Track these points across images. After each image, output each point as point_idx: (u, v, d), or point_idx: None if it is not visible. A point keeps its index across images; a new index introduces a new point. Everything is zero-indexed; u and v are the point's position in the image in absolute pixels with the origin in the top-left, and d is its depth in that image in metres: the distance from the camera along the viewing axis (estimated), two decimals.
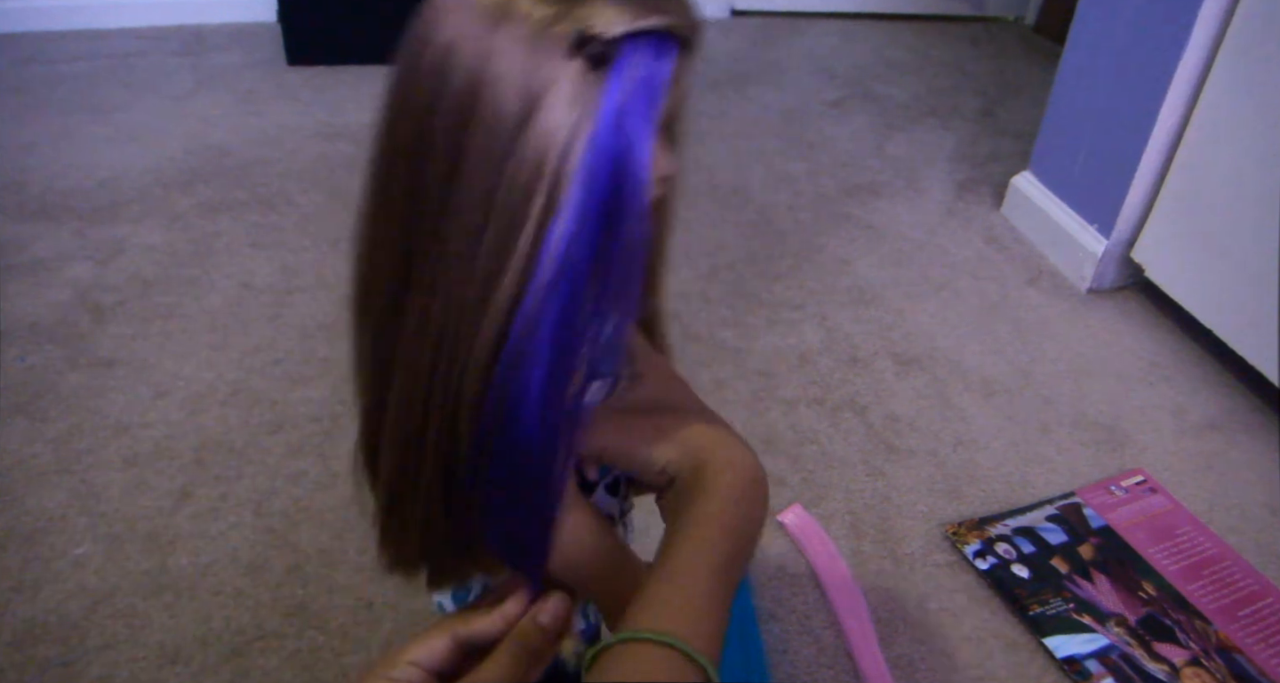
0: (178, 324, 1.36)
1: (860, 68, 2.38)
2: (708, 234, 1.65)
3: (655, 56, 0.38)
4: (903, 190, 1.82)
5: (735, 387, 1.29)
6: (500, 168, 0.38)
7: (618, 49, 0.37)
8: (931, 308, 1.48)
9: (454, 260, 0.40)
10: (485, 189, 0.38)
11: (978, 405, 1.28)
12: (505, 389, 0.40)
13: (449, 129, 0.38)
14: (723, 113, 2.10)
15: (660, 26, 0.37)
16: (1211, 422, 1.27)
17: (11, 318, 1.36)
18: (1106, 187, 1.48)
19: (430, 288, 0.40)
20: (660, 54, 0.38)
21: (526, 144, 0.37)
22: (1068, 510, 1.11)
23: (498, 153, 0.37)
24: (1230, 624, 0.98)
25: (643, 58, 0.37)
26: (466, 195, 0.39)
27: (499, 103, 0.37)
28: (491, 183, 0.38)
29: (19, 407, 1.20)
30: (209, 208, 1.64)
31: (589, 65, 0.37)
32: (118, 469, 1.12)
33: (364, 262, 0.44)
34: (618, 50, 0.37)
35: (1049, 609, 0.99)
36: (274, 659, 0.91)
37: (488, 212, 0.38)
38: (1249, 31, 1.23)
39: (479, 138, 0.37)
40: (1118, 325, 1.46)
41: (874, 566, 1.04)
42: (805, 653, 0.94)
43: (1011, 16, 2.77)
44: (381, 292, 0.43)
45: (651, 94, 0.38)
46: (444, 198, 0.39)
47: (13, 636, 0.93)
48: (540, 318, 0.39)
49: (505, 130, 0.37)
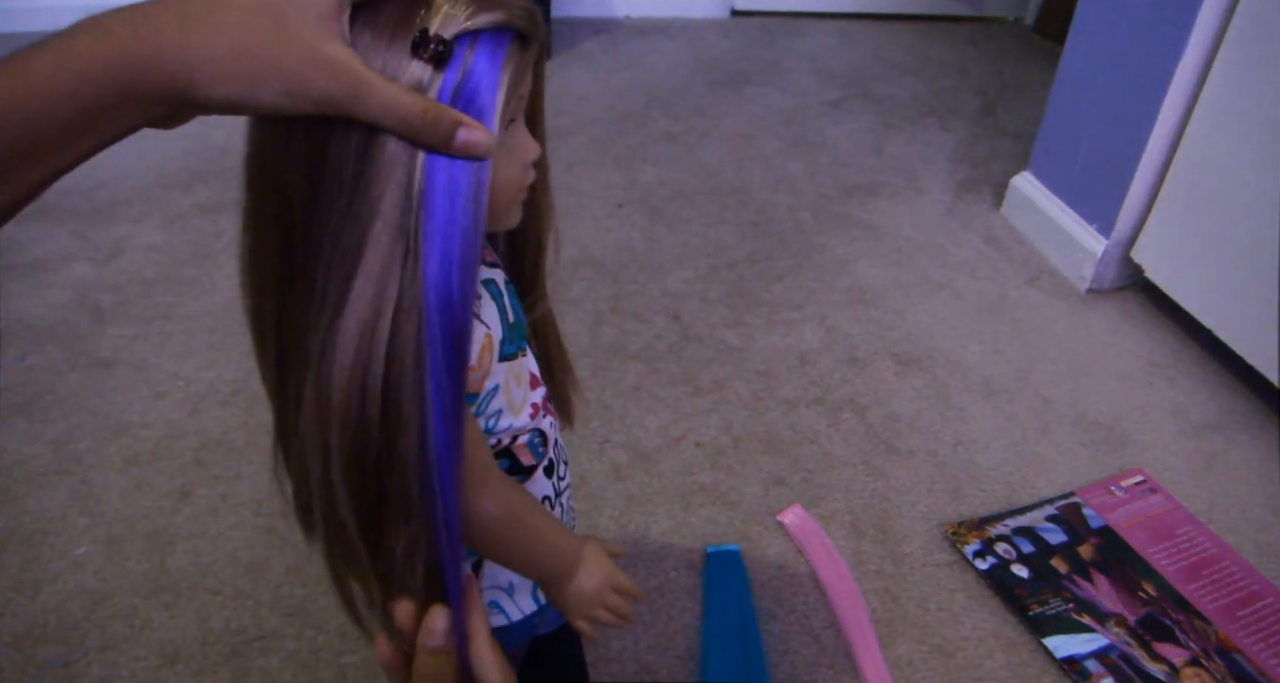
0: (178, 324, 1.36)
1: (860, 68, 2.38)
2: (708, 234, 1.65)
3: (492, 52, 0.39)
4: (902, 190, 1.82)
5: (735, 387, 1.29)
6: (358, 170, 0.39)
7: (454, 47, 0.39)
8: (931, 308, 1.48)
9: (325, 266, 0.41)
10: (346, 191, 0.40)
11: (977, 405, 1.28)
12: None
13: (309, 135, 0.40)
14: (723, 113, 2.10)
15: (494, 23, 0.39)
16: (1211, 422, 1.27)
17: (11, 318, 1.36)
18: (1106, 187, 1.48)
19: (306, 294, 0.42)
20: (496, 48, 0.40)
21: (380, 146, 0.39)
22: (1067, 511, 1.11)
23: (354, 155, 0.39)
24: (1230, 624, 0.98)
25: (479, 53, 0.39)
26: (330, 201, 0.40)
27: None
28: (351, 185, 0.39)
29: (19, 407, 1.20)
30: (209, 208, 1.65)
31: (432, 65, 0.39)
32: (118, 469, 1.12)
33: (251, 273, 0.46)
34: (454, 48, 0.39)
35: (1049, 609, 0.99)
36: (274, 659, 0.91)
37: (352, 210, 0.40)
38: (1249, 31, 1.23)
39: (336, 142, 0.39)
40: (1117, 325, 1.46)
41: (874, 566, 1.04)
42: (805, 653, 0.94)
43: (1011, 17, 2.77)
44: (269, 297, 0.45)
45: (488, 87, 0.39)
46: (310, 205, 0.41)
47: (13, 636, 0.93)
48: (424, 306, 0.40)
49: (358, 134, 0.39)
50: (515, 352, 0.55)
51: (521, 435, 0.58)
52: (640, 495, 1.11)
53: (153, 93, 0.35)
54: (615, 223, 1.67)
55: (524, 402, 0.57)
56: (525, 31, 0.41)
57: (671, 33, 2.56)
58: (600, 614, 0.59)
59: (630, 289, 1.49)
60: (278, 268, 0.44)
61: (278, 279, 0.44)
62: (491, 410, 0.54)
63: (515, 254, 0.59)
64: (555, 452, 0.61)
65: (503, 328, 0.53)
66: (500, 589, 0.61)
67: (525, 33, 0.41)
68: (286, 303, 0.44)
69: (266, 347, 0.47)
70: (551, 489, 0.61)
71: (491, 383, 0.53)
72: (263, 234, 0.44)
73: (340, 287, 0.40)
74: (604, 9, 2.64)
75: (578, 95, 2.15)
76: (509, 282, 0.57)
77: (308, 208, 0.41)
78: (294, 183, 0.41)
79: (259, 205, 0.44)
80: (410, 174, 0.39)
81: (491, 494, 0.52)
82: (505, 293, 0.55)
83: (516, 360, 0.55)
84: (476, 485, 0.50)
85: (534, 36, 0.42)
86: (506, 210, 0.49)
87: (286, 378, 0.46)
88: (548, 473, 0.60)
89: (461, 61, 0.39)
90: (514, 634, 0.63)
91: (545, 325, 0.62)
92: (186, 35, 0.35)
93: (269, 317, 0.46)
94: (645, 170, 1.85)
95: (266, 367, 0.48)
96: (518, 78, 0.41)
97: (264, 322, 0.46)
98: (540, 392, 0.60)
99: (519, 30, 0.41)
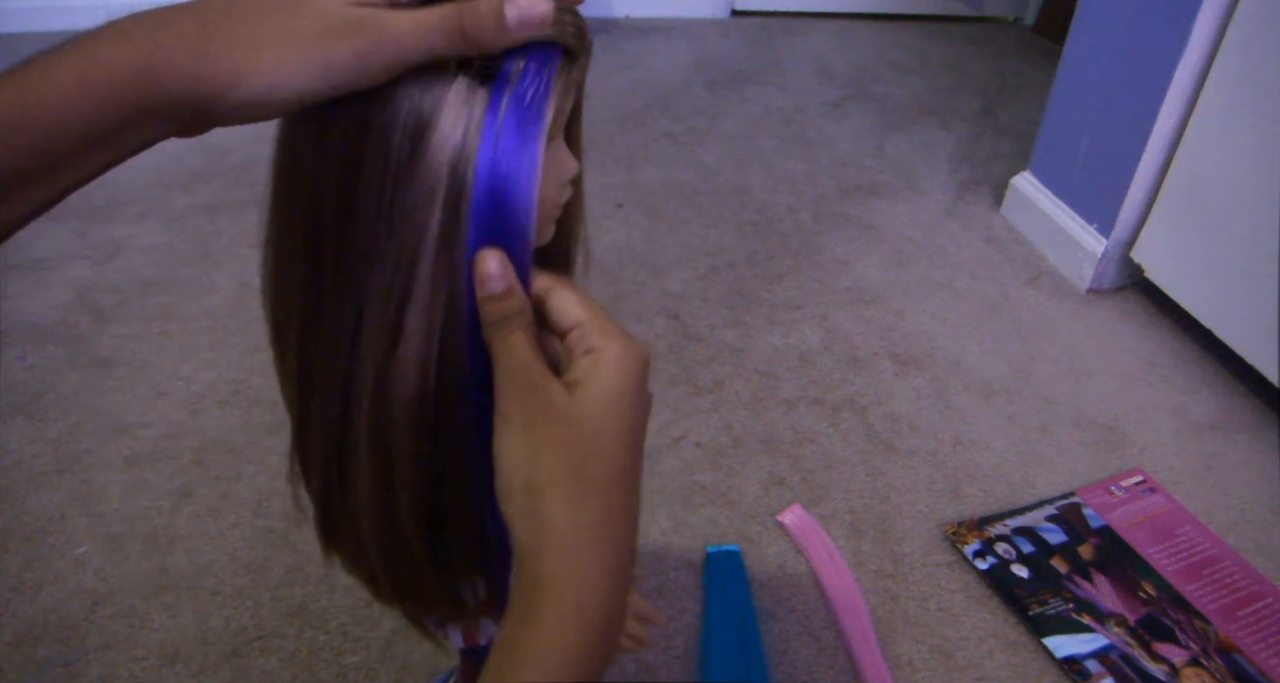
0: (178, 324, 1.36)
1: (860, 68, 2.38)
2: (708, 234, 1.65)
3: (540, 68, 0.38)
4: (902, 190, 1.82)
5: (735, 387, 1.29)
6: (396, 192, 0.38)
7: (501, 63, 0.37)
8: (931, 308, 1.48)
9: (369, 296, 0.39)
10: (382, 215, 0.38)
11: (977, 405, 1.28)
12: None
13: (345, 144, 0.38)
14: (723, 113, 2.10)
15: (543, 38, 0.38)
16: (1211, 422, 1.27)
17: (11, 318, 1.36)
18: (1106, 187, 1.48)
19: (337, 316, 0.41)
20: (545, 64, 0.38)
21: (419, 165, 0.37)
22: (1067, 510, 1.11)
23: (393, 176, 0.37)
24: (1230, 624, 0.98)
25: (527, 71, 0.37)
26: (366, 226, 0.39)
27: (391, 125, 0.37)
28: (387, 206, 0.38)
29: (19, 407, 1.20)
30: (209, 208, 1.65)
31: (476, 81, 0.37)
32: (118, 469, 1.12)
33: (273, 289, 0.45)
34: (501, 64, 0.37)
35: (1049, 609, 0.99)
36: (274, 659, 0.91)
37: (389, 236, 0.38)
38: (1249, 31, 1.23)
39: (374, 162, 0.37)
40: (1117, 325, 1.46)
41: (874, 565, 1.04)
42: (805, 653, 0.94)
43: (1011, 17, 2.77)
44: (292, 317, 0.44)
45: (537, 105, 0.37)
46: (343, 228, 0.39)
47: (13, 636, 0.93)
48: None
49: (397, 151, 0.37)
50: None
51: None
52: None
53: (174, 103, 0.34)
54: (615, 223, 1.67)
55: None
56: (573, 48, 0.40)
57: (671, 33, 2.56)
58: (623, 643, 0.59)
59: (630, 289, 1.49)
60: (302, 290, 0.42)
61: (303, 299, 0.43)
62: None
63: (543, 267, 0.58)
64: None
65: None
66: None
67: (573, 49, 0.40)
68: (313, 325, 0.43)
69: (288, 362, 0.46)
70: None
71: None
72: (288, 253, 0.43)
73: (392, 321, 0.39)
74: (604, 9, 2.64)
75: None
76: None
77: (340, 232, 0.39)
78: (326, 198, 0.39)
79: (285, 220, 0.42)
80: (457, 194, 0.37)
81: None
82: None
83: None
84: None
85: (582, 53, 0.41)
86: (543, 227, 0.47)
87: (310, 397, 0.45)
88: None
89: (509, 78, 0.37)
90: None
91: None
92: (206, 42, 0.34)
93: (291, 336, 0.45)
94: (645, 170, 1.85)
95: (286, 379, 0.47)
96: (565, 94, 0.40)
97: (285, 339, 0.45)
98: None
99: (567, 46, 0.39)
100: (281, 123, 0.40)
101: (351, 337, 0.40)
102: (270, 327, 0.46)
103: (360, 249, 0.39)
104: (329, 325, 0.41)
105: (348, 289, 0.40)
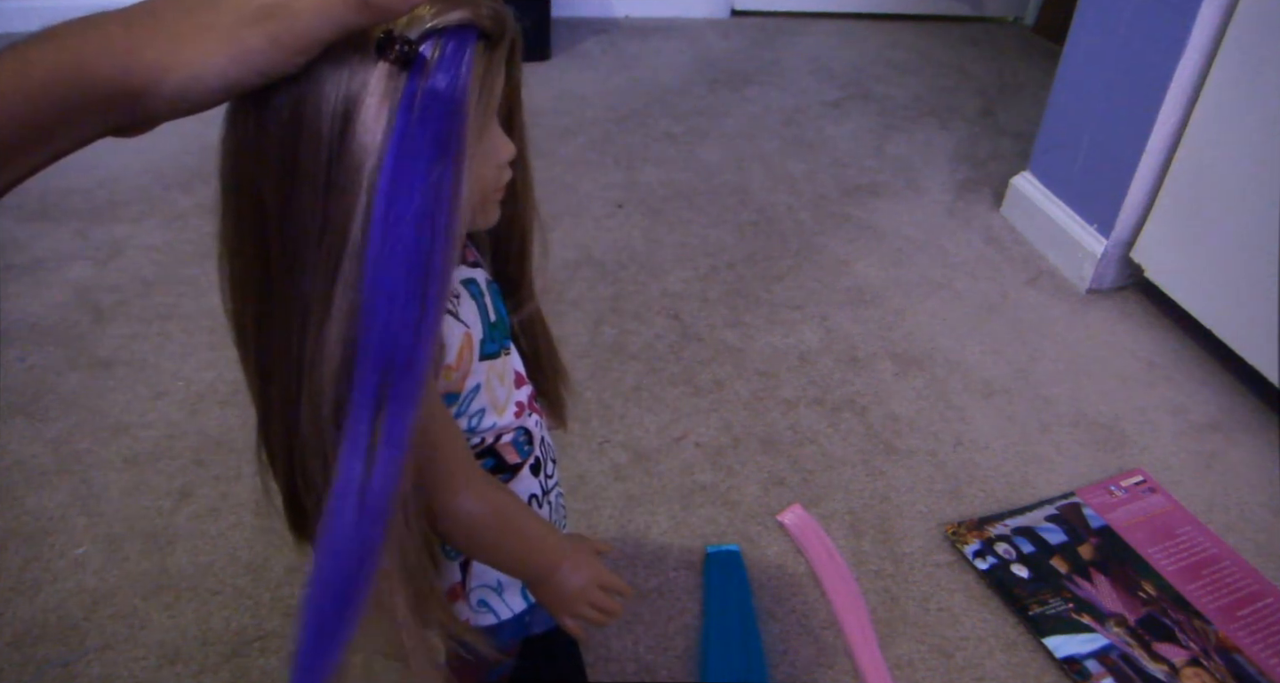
0: (178, 324, 1.36)
1: (860, 68, 2.38)
2: (708, 234, 1.65)
3: (455, 51, 0.39)
4: (902, 190, 1.82)
5: (735, 387, 1.29)
6: (327, 174, 0.39)
7: (417, 49, 0.38)
8: (931, 308, 1.48)
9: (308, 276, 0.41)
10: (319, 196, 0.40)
11: (977, 405, 1.28)
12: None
13: (281, 142, 0.40)
14: (723, 113, 2.10)
15: (459, 22, 0.39)
16: (1211, 422, 1.27)
17: (11, 318, 1.36)
18: (1106, 187, 1.48)
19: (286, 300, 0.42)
20: (460, 48, 0.39)
21: (347, 149, 0.39)
22: (1067, 510, 1.11)
23: (324, 160, 0.39)
24: (1230, 624, 0.98)
25: (444, 53, 0.39)
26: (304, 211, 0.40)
27: (320, 113, 0.39)
28: (322, 189, 0.39)
29: (19, 407, 1.20)
30: (209, 208, 1.63)
31: (397, 66, 0.38)
32: (118, 469, 1.12)
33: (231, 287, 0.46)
34: (417, 50, 0.38)
35: (1048, 609, 0.99)
36: (274, 659, 0.91)
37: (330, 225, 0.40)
38: (1249, 32, 1.23)
39: (307, 147, 0.39)
40: (1117, 325, 1.46)
41: (874, 565, 1.04)
42: (805, 653, 0.94)
43: (1011, 17, 2.77)
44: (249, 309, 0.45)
45: (453, 88, 0.39)
46: (284, 216, 0.41)
47: (13, 636, 0.93)
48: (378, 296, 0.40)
49: (328, 138, 0.39)
50: (498, 350, 0.55)
51: (506, 434, 0.58)
52: (640, 495, 1.11)
53: (105, 99, 0.36)
54: (615, 223, 1.67)
55: (508, 400, 0.57)
56: (491, 31, 0.41)
57: (671, 33, 2.56)
58: (586, 612, 0.59)
59: (630, 289, 1.49)
60: (256, 282, 0.44)
61: (257, 289, 0.44)
62: (474, 410, 0.55)
63: (499, 253, 0.59)
64: (542, 450, 0.61)
65: (483, 327, 0.53)
66: (489, 588, 0.61)
67: (491, 32, 0.41)
68: (267, 314, 0.44)
69: (248, 351, 0.47)
70: (539, 487, 0.61)
71: (473, 382, 0.53)
72: (239, 249, 0.45)
73: (322, 297, 0.40)
74: (604, 9, 2.64)
75: (578, 95, 2.15)
76: (491, 281, 0.57)
77: (282, 218, 0.41)
78: (268, 191, 0.41)
79: (235, 213, 0.44)
80: (374, 180, 0.39)
81: (474, 494, 0.52)
82: (487, 292, 0.55)
83: (499, 359, 0.56)
84: (458, 485, 0.51)
85: (501, 36, 0.42)
86: (482, 210, 0.49)
87: (268, 386, 0.46)
88: (534, 471, 0.60)
89: (426, 62, 0.39)
90: (505, 633, 0.63)
91: (535, 325, 0.62)
92: (131, 40, 0.36)
93: (249, 328, 0.46)
94: (645, 170, 1.85)
95: (249, 372, 0.48)
96: (487, 77, 0.41)
97: (244, 327, 0.47)
98: (525, 390, 0.60)
99: (484, 30, 0.41)
100: (224, 124, 0.42)
101: (301, 320, 0.42)
102: (232, 326, 0.47)
103: (302, 229, 0.40)
104: (280, 312, 0.43)
105: (296, 274, 0.41)
